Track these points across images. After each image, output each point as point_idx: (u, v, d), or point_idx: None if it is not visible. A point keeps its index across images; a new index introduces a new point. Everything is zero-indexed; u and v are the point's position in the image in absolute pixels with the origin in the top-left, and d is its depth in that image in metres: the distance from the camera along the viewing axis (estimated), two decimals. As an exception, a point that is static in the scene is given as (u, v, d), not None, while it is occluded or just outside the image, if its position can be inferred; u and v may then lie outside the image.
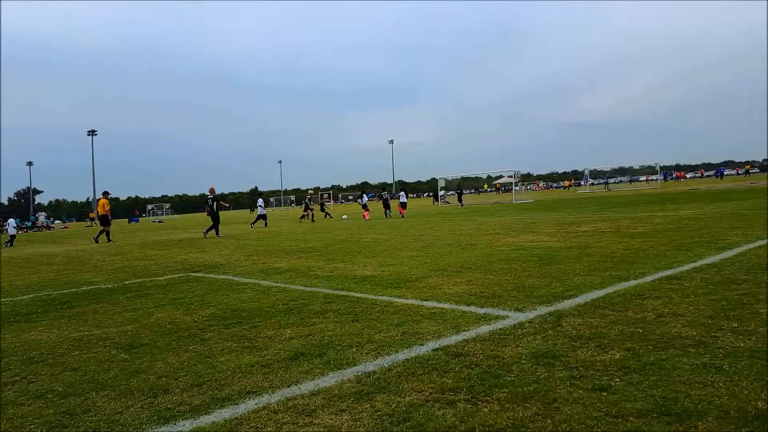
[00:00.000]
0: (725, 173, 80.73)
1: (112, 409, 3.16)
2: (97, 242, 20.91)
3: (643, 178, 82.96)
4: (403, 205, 28.23)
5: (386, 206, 29.10)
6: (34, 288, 8.76)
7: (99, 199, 21.29)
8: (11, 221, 27.34)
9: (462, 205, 37.23)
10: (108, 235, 20.89)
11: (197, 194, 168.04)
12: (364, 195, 29.53)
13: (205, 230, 20.49)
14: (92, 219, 64.96)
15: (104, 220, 20.81)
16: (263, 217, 26.54)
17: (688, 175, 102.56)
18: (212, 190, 20.14)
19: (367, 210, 27.21)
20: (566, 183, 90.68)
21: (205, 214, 20.20)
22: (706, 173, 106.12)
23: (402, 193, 29.77)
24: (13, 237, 25.82)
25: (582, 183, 79.94)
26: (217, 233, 19.55)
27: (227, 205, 19.09)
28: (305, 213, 29.31)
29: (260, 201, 27.92)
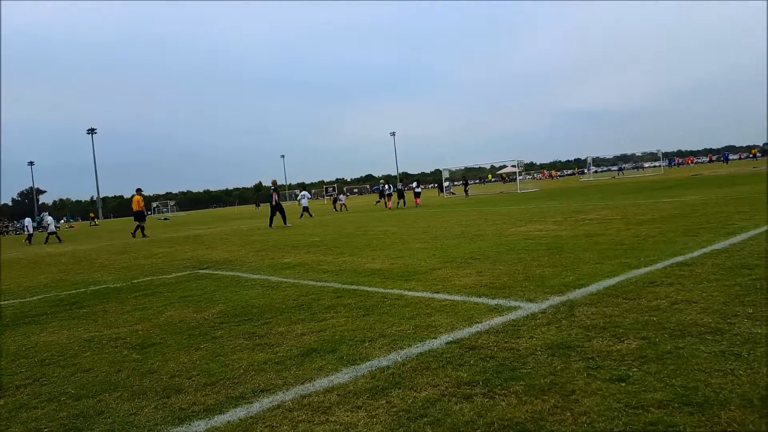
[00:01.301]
0: (729, 158, 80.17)
1: (126, 411, 3.14)
2: (134, 237, 21.33)
3: (648, 164, 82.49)
4: (417, 195, 30.44)
5: (401, 196, 30.53)
6: (42, 289, 8.78)
7: (133, 196, 22.08)
8: (28, 220, 27.88)
9: (467, 195, 37.43)
10: (143, 230, 21.47)
11: (201, 190, 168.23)
12: (388, 185, 31.39)
13: (269, 222, 20.93)
14: (93, 218, 65.16)
15: (140, 216, 21.50)
16: (306, 209, 28.06)
17: (696, 160, 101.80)
18: (274, 183, 21.33)
19: (389, 199, 29.40)
20: (553, 172, 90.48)
21: (270, 205, 21.06)
22: (715, 158, 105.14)
23: (416, 183, 32.45)
24: (30, 236, 26.33)
25: (585, 171, 79.57)
26: (284, 222, 20.20)
27: (277, 197, 20.92)
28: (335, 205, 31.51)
29: (305, 193, 29.72)
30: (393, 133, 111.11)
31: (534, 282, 5.52)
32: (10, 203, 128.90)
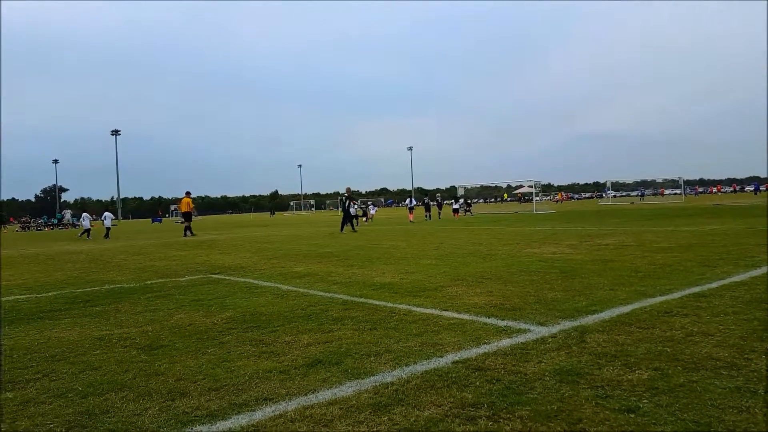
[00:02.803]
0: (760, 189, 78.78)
1: (130, 411, 3.15)
2: (186, 236, 22.68)
3: (668, 191, 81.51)
4: (455, 211, 35.50)
5: (427, 209, 33.99)
6: (58, 285, 8.90)
7: (183, 198, 24.09)
8: (85, 215, 28.43)
9: (471, 214, 38.36)
10: (190, 229, 23.29)
11: (218, 196, 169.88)
12: (409, 199, 34.52)
13: (341, 226, 21.99)
14: (95, 219, 65.89)
15: (188, 217, 23.69)
16: (355, 217, 28.43)
17: (724, 189, 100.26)
18: (348, 190, 22.66)
19: (411, 212, 31.80)
20: (559, 195, 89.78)
21: (340, 211, 22.85)
22: (746, 188, 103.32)
23: (453, 200, 38.86)
24: (88, 230, 27.00)
25: (604, 194, 78.87)
26: (353, 228, 21.47)
27: (355, 205, 22.98)
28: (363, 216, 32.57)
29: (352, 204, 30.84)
30: (410, 148, 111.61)
31: (545, 305, 5.46)
32: (33, 199, 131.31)
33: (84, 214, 28.43)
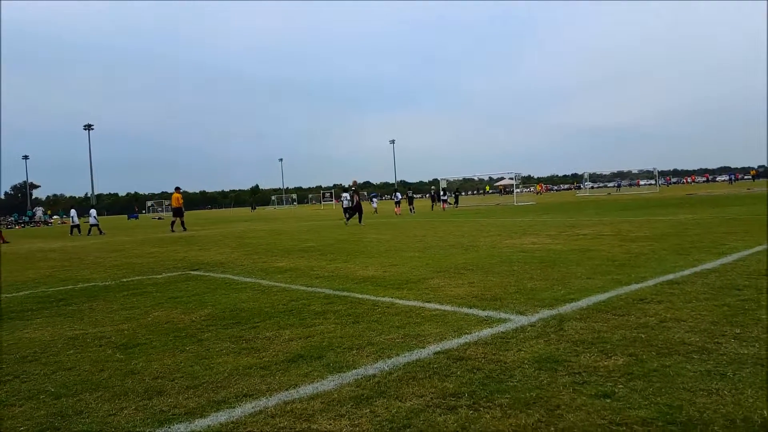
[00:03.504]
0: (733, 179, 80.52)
1: (105, 411, 3.10)
2: (173, 231, 23.03)
3: (643, 182, 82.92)
4: (445, 202, 36.33)
5: (433, 199, 37.35)
6: (30, 284, 8.70)
7: (173, 194, 24.58)
8: (73, 212, 28.05)
9: (456, 206, 38.51)
10: (183, 224, 23.90)
11: (197, 191, 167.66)
12: (397, 193, 35.36)
13: (347, 219, 22.14)
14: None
15: (178, 212, 24.20)
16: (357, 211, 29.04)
17: (698, 179, 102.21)
18: (355, 183, 22.81)
19: (398, 206, 32.14)
20: (539, 187, 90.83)
21: (351, 204, 22.35)
22: (718, 178, 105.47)
23: (441, 191, 38.10)
24: (77, 226, 26.66)
25: (582, 186, 79.94)
26: (360, 221, 21.34)
27: (358, 198, 22.38)
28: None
29: (346, 195, 31.62)
30: (392, 141, 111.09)
31: (525, 295, 5.51)
32: (2, 197, 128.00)
33: (72, 211, 28.19)
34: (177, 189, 24.52)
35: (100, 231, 26.08)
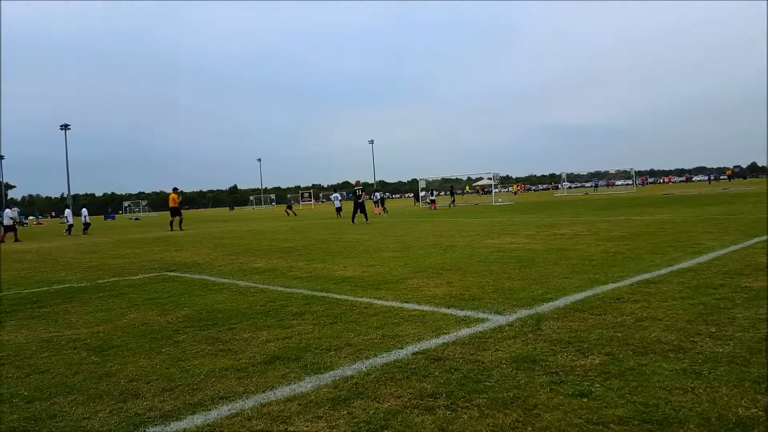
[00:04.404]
0: (711, 178, 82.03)
1: (79, 415, 3.03)
2: (172, 230, 23.34)
3: (620, 182, 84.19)
4: (433, 202, 36.46)
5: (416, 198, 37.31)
6: (3, 286, 8.49)
7: (170, 194, 25.15)
8: (68, 211, 27.65)
9: (452, 205, 38.49)
10: (180, 223, 24.08)
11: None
12: (376, 193, 35.70)
13: (352, 217, 22.27)
14: (52, 216, 63.75)
15: (175, 211, 24.33)
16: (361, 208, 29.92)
17: (674, 179, 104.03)
18: (358, 183, 23.31)
19: (377, 206, 32.15)
20: (515, 187, 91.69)
21: (354, 202, 22.76)
22: (694, 178, 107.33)
23: (431, 191, 38.78)
24: (71, 225, 26.27)
25: (559, 186, 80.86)
26: (366, 219, 21.87)
27: (365, 197, 23.10)
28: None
29: (337, 195, 33.29)
30: (371, 141, 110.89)
31: (503, 294, 5.54)
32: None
33: (67, 210, 27.89)
34: (174, 190, 25.34)
35: (69, 232, 25.73)
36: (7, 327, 5.41)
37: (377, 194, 34.99)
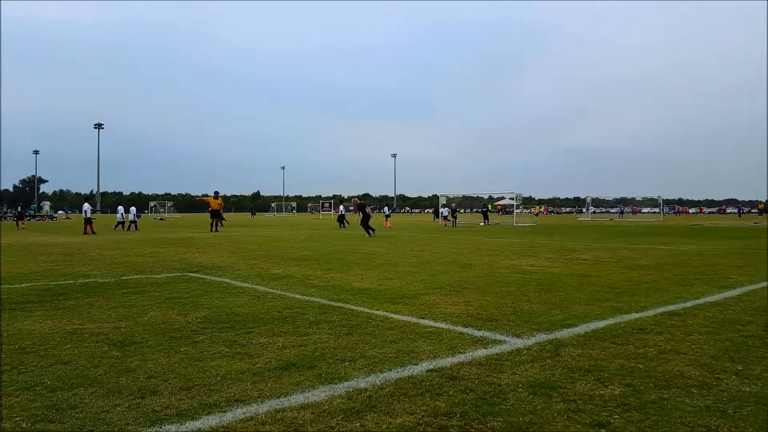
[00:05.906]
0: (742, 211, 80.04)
1: (99, 407, 3.09)
2: (212, 231, 24.81)
3: (647, 209, 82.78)
4: (446, 219, 35.74)
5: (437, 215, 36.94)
6: (31, 277, 8.71)
7: (210, 197, 26.95)
8: (120, 208, 28.34)
9: (453, 224, 38.26)
10: (216, 225, 25.79)
11: (201, 194, 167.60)
12: (387, 207, 37.18)
13: (370, 231, 22.38)
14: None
15: (216, 214, 26.30)
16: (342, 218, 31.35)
17: (705, 210, 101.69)
18: (355, 201, 24.77)
19: (387, 220, 32.85)
20: (537, 209, 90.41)
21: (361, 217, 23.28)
22: (728, 210, 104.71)
23: (449, 207, 38.36)
24: (125, 222, 27.26)
25: (584, 210, 79.82)
26: (370, 231, 21.97)
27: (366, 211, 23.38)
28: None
29: (341, 208, 33.81)
30: (394, 155, 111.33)
31: (522, 317, 5.49)
32: (11, 189, 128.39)
33: (119, 207, 28.54)
34: (216, 193, 26.89)
35: (133, 227, 27.02)
36: (33, 317, 5.54)
37: (387, 208, 36.40)
